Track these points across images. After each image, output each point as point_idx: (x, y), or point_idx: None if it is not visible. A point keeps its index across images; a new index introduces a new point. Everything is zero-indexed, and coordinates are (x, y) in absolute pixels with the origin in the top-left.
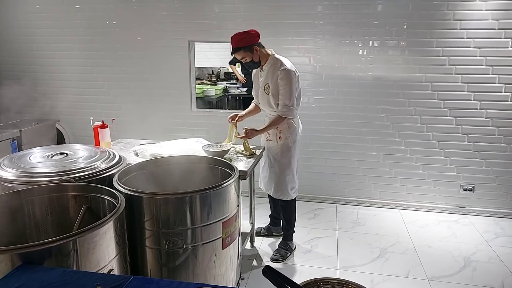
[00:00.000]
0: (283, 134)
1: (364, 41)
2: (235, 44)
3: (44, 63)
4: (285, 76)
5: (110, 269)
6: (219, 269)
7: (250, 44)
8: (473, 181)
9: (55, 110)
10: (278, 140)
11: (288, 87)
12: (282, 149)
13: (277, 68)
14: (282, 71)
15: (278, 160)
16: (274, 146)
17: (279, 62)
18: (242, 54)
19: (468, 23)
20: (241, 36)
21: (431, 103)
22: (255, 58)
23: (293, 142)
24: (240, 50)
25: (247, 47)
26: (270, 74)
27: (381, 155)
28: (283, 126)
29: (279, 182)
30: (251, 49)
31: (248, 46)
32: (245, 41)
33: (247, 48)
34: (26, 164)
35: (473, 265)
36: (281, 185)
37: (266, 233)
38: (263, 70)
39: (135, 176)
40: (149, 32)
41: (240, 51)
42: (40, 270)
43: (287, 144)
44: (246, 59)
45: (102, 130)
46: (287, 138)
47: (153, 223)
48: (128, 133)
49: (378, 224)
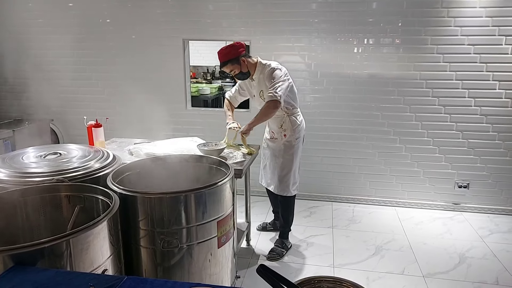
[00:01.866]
0: (287, 132)
1: (359, 39)
2: (222, 58)
3: (37, 62)
4: (269, 74)
5: (104, 269)
6: (215, 268)
7: (236, 56)
8: (467, 178)
9: (48, 110)
10: (282, 138)
11: (279, 81)
12: (285, 146)
13: (266, 71)
14: (268, 71)
15: (281, 157)
16: (278, 143)
17: (266, 66)
18: (230, 67)
19: (462, 20)
20: (226, 50)
21: (426, 100)
22: (244, 69)
23: (296, 139)
24: (228, 63)
25: (234, 59)
26: (262, 80)
27: (376, 153)
28: (287, 125)
29: (281, 178)
30: (238, 61)
31: (235, 58)
32: (231, 54)
33: (234, 61)
34: (19, 164)
35: (468, 262)
36: (283, 181)
37: (272, 228)
38: (253, 80)
39: (129, 175)
40: (143, 31)
41: (228, 65)
42: (32, 271)
43: (290, 141)
44: (235, 71)
45: (96, 129)
46: (290, 136)
47: (147, 222)
48: (122, 132)
49: (373, 222)
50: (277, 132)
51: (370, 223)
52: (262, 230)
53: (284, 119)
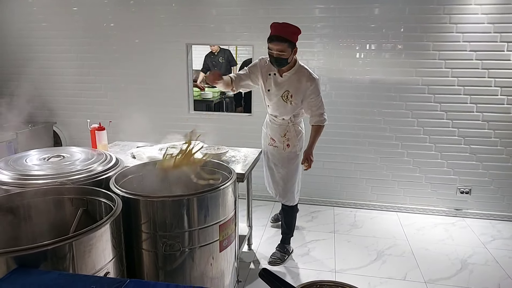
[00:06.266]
0: (291, 142)
1: (361, 44)
2: (284, 33)
3: (41, 65)
4: (316, 87)
5: (107, 272)
6: (216, 272)
7: (295, 42)
8: (469, 184)
9: (51, 113)
10: (286, 148)
11: (320, 97)
12: (289, 157)
13: (305, 77)
14: (313, 81)
15: (285, 167)
16: (281, 153)
17: (306, 72)
18: (284, 47)
19: (464, 26)
20: (294, 29)
21: (428, 106)
22: (290, 59)
23: (300, 150)
24: (286, 43)
25: (292, 43)
26: (295, 82)
27: (378, 158)
28: (291, 134)
29: (287, 188)
30: (293, 47)
31: (294, 43)
32: (294, 37)
33: (292, 45)
34: (22, 166)
35: (470, 268)
36: (288, 191)
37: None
38: (282, 76)
39: (132, 178)
40: (146, 35)
41: (284, 43)
42: (35, 273)
43: (295, 151)
44: (284, 55)
45: (99, 132)
46: (295, 146)
47: (150, 226)
48: (125, 136)
49: (375, 227)
50: (278, 140)
51: (372, 228)
52: (275, 221)
53: (289, 127)
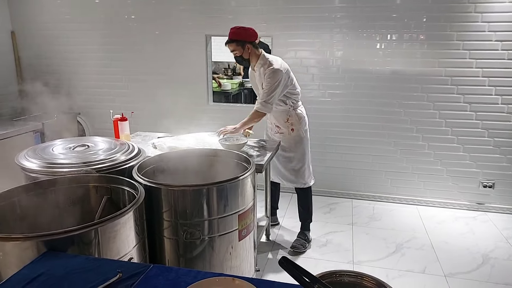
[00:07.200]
0: (295, 126)
1: (382, 35)
2: (230, 36)
3: (65, 57)
4: (271, 75)
5: (130, 257)
6: (235, 260)
7: (244, 40)
8: (493, 178)
9: (75, 104)
10: (290, 132)
11: (270, 85)
12: (296, 140)
13: (266, 65)
14: (269, 69)
15: (293, 151)
16: (288, 138)
17: (268, 61)
18: (234, 47)
19: (490, 15)
20: (238, 30)
21: (451, 97)
22: (245, 55)
23: (305, 132)
24: (233, 42)
25: (241, 41)
26: (262, 74)
27: (398, 150)
28: (293, 119)
29: (299, 172)
30: (244, 45)
31: (242, 41)
32: (240, 36)
33: (240, 43)
34: (49, 155)
35: (492, 262)
36: (298, 175)
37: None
38: (255, 71)
39: (153, 168)
40: (166, 27)
41: (232, 43)
42: (63, 257)
43: (299, 135)
44: (236, 53)
45: (121, 123)
46: (299, 130)
47: (171, 214)
48: (146, 126)
49: (394, 220)
50: (283, 125)
51: (391, 221)
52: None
53: (290, 112)
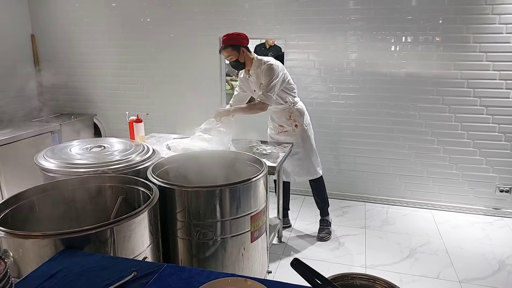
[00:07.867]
0: (298, 122)
1: (397, 37)
2: (225, 42)
3: (82, 59)
4: (268, 70)
5: (145, 257)
6: (247, 262)
7: (238, 44)
8: (510, 182)
9: (92, 105)
10: (294, 129)
11: (269, 78)
12: (301, 136)
13: (261, 66)
14: (266, 65)
15: (302, 147)
16: (292, 135)
17: (263, 61)
18: (229, 52)
19: (507, 17)
20: (231, 35)
21: (467, 100)
22: (241, 59)
23: (308, 125)
24: (228, 48)
25: (235, 46)
26: (259, 75)
27: (412, 154)
28: (295, 115)
29: (308, 166)
30: (239, 49)
31: (236, 45)
32: (234, 41)
33: (235, 48)
34: (66, 155)
35: (508, 269)
36: (310, 168)
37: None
38: (251, 75)
39: (167, 169)
40: (181, 29)
41: (228, 48)
42: (80, 254)
43: (303, 129)
44: (232, 58)
45: (136, 124)
46: (302, 124)
47: (184, 214)
48: (160, 128)
49: (408, 224)
50: (286, 123)
51: (405, 225)
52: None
53: (291, 109)
